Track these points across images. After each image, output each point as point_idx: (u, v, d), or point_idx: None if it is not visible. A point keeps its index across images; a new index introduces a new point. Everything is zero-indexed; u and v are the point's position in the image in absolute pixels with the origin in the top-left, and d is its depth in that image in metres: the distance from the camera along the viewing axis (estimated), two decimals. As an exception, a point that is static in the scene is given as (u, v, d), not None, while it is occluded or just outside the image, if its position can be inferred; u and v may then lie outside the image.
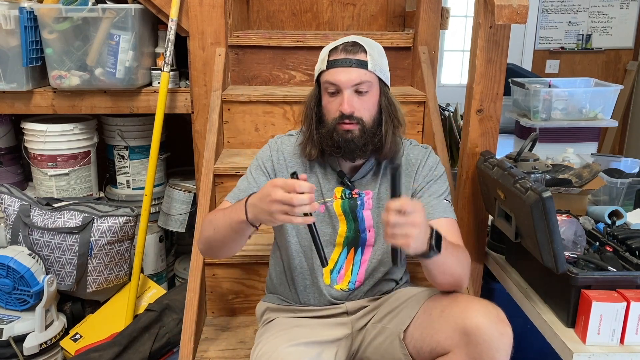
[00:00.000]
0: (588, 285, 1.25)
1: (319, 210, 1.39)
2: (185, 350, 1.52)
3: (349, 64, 1.30)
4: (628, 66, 4.42)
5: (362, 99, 1.32)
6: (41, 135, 2.14)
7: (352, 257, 1.42)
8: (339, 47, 1.33)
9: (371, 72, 1.32)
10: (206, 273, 1.73)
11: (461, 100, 1.88)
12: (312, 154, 1.38)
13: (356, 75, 1.30)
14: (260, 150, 1.48)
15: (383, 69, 1.36)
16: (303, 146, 1.40)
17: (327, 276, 1.41)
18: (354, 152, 1.32)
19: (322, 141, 1.35)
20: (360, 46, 1.33)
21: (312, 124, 1.37)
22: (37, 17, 1.98)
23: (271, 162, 1.44)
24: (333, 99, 1.32)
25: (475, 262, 1.72)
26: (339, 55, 1.32)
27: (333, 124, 1.32)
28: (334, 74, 1.31)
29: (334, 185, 1.41)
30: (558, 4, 4.35)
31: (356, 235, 1.40)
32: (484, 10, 1.52)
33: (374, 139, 1.33)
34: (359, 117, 1.31)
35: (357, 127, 1.31)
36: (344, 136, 1.31)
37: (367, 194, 1.41)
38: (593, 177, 1.79)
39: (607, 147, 4.34)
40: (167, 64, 2.04)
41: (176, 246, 2.66)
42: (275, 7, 2.58)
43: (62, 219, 1.97)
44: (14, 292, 1.89)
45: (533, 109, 2.75)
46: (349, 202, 1.40)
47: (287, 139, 1.47)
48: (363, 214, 1.40)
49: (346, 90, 1.30)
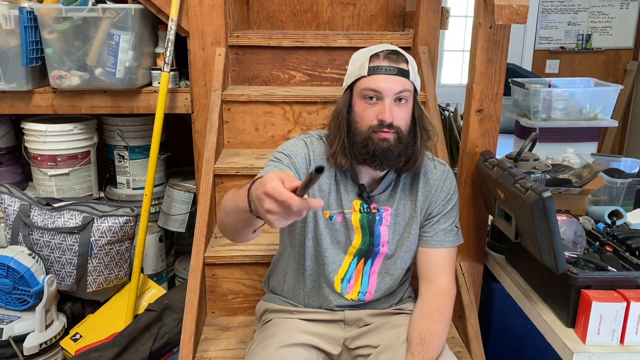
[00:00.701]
0: (588, 285, 1.25)
1: (336, 219, 1.39)
2: (185, 350, 1.52)
3: (392, 71, 1.28)
4: (628, 66, 4.42)
5: (401, 108, 1.29)
6: (41, 135, 2.14)
7: (362, 267, 1.41)
8: (380, 54, 1.30)
9: (412, 82, 1.31)
10: (206, 273, 1.73)
11: (461, 100, 1.88)
12: (342, 164, 1.34)
13: (399, 84, 1.28)
14: (291, 144, 1.39)
15: (418, 81, 1.35)
16: (334, 155, 1.35)
17: (338, 284, 1.41)
18: (389, 160, 1.29)
19: (354, 150, 1.31)
20: (401, 55, 1.31)
21: (343, 132, 1.33)
22: (37, 17, 1.98)
23: (302, 159, 1.36)
24: (370, 106, 1.29)
25: (475, 262, 1.72)
26: (381, 62, 1.29)
27: (368, 132, 1.29)
28: (376, 81, 1.28)
29: (353, 197, 1.39)
30: (558, 4, 4.35)
31: (369, 249, 1.40)
32: (484, 10, 1.52)
33: (407, 150, 1.31)
34: (397, 126, 1.29)
35: (393, 135, 1.28)
36: (380, 145, 1.27)
37: (385, 210, 1.39)
38: (593, 177, 1.79)
39: (607, 147, 4.34)
40: (167, 64, 2.04)
41: (176, 246, 2.66)
42: (275, 7, 2.59)
43: (62, 219, 1.97)
44: (14, 292, 1.89)
45: (533, 109, 2.75)
46: (368, 217, 1.38)
47: (316, 142, 1.41)
48: (380, 229, 1.39)
49: (388, 98, 1.27)
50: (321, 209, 1.38)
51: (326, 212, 1.39)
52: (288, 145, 1.39)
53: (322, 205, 0.87)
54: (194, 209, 2.24)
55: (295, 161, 1.35)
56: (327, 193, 1.39)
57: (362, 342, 1.39)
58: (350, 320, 1.42)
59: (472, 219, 1.68)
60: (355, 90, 1.32)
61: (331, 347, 1.38)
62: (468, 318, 1.61)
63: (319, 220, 1.38)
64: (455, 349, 1.59)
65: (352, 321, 1.42)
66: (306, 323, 1.41)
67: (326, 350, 1.38)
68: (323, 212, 1.39)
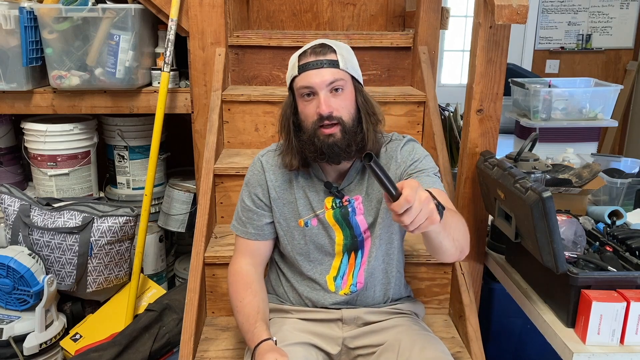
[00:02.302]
0: (588, 285, 1.25)
1: (311, 224, 1.40)
2: (185, 350, 1.52)
3: (320, 65, 1.30)
4: (628, 66, 4.42)
5: (339, 98, 1.31)
6: (41, 135, 2.14)
7: (354, 261, 1.42)
8: (307, 51, 1.33)
9: (343, 70, 1.32)
10: (206, 273, 1.73)
11: (461, 100, 1.88)
12: (292, 164, 1.37)
13: (329, 74, 1.29)
14: (250, 173, 1.46)
15: (355, 67, 1.36)
16: (282, 157, 1.39)
17: (332, 284, 1.42)
18: (338, 155, 1.31)
19: (303, 149, 1.34)
20: (328, 47, 1.33)
21: (290, 133, 1.36)
22: (37, 17, 1.98)
23: (261, 188, 1.43)
24: (309, 103, 1.31)
25: (475, 262, 1.72)
26: (308, 58, 1.31)
27: (313, 129, 1.31)
28: (306, 78, 1.30)
29: (323, 196, 1.40)
30: (558, 4, 4.35)
31: (353, 241, 1.41)
32: (484, 10, 1.52)
33: (356, 138, 1.32)
34: (338, 116, 1.30)
35: (337, 128, 1.30)
36: (326, 141, 1.29)
37: (356, 199, 1.40)
38: (593, 177, 1.79)
39: (607, 147, 4.34)
40: (167, 64, 2.04)
41: (176, 246, 2.66)
42: (275, 7, 2.58)
43: (62, 219, 1.97)
44: (14, 292, 1.89)
45: (533, 109, 2.75)
46: (341, 211, 1.40)
47: (272, 156, 1.46)
48: (356, 219, 1.40)
49: (321, 91, 1.29)
50: (295, 220, 1.41)
51: (300, 220, 1.41)
52: (249, 176, 1.47)
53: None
54: (194, 209, 2.24)
55: (258, 194, 1.43)
56: (294, 202, 1.41)
57: (362, 342, 1.40)
58: (347, 319, 1.42)
59: (472, 219, 1.68)
60: (295, 90, 1.35)
61: (330, 347, 1.39)
62: (468, 318, 1.61)
63: (294, 232, 1.41)
64: (455, 349, 1.59)
65: (350, 320, 1.42)
66: (305, 322, 1.41)
67: (325, 349, 1.38)
68: (298, 222, 1.41)
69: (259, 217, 1.43)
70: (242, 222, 1.45)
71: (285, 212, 1.42)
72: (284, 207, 1.42)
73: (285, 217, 1.43)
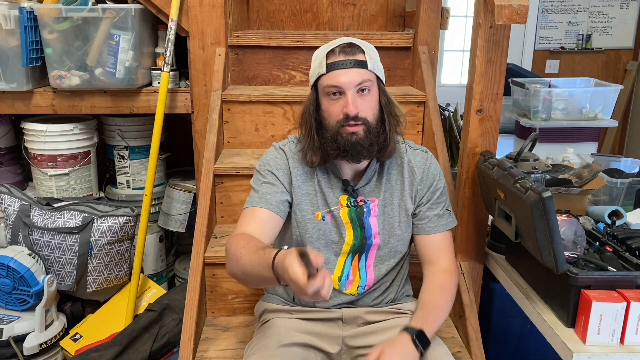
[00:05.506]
0: (588, 285, 1.25)
1: (326, 219, 1.40)
2: (185, 350, 1.52)
3: (349, 65, 1.30)
4: (628, 66, 4.42)
5: (365, 98, 1.31)
6: (41, 135, 2.14)
7: (357, 263, 1.42)
8: (335, 50, 1.32)
9: (371, 71, 1.32)
10: (206, 273, 1.73)
11: (461, 100, 1.88)
12: (313, 161, 1.37)
13: (358, 75, 1.29)
14: (271, 157, 1.42)
15: (380, 68, 1.37)
16: (304, 153, 1.39)
17: (336, 283, 1.41)
18: (360, 153, 1.32)
19: (325, 146, 1.33)
20: (357, 47, 1.33)
21: (312, 130, 1.35)
22: (37, 17, 1.98)
23: (283, 172, 1.40)
24: (335, 102, 1.31)
25: (475, 262, 1.72)
26: (337, 57, 1.31)
27: (336, 127, 1.31)
28: (335, 77, 1.30)
29: (339, 193, 1.40)
30: (558, 4, 4.35)
31: (362, 243, 1.41)
32: (484, 10, 1.52)
33: (378, 139, 1.33)
34: (364, 117, 1.30)
35: (361, 127, 1.30)
36: (350, 139, 1.30)
37: (372, 202, 1.41)
38: (593, 177, 1.79)
39: (607, 147, 4.34)
40: (167, 64, 2.04)
41: (176, 246, 2.66)
42: (275, 7, 2.59)
43: (62, 219, 1.97)
44: (14, 292, 1.89)
45: (533, 109, 2.75)
46: (356, 210, 1.40)
47: (293, 146, 1.44)
48: (369, 221, 1.40)
49: (349, 91, 1.29)
50: (312, 212, 1.40)
51: (317, 213, 1.40)
52: (269, 159, 1.42)
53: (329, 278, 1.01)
54: (194, 209, 2.24)
55: (278, 175, 1.39)
56: (313, 195, 1.41)
57: (363, 341, 1.40)
58: (348, 318, 1.42)
59: (472, 219, 1.68)
60: (319, 88, 1.34)
61: (329, 346, 1.39)
62: (468, 318, 1.61)
63: (309, 224, 1.40)
64: (455, 349, 1.59)
65: (350, 319, 1.42)
66: (304, 322, 1.41)
67: (324, 349, 1.38)
68: (315, 215, 1.40)
69: (280, 194, 1.37)
70: (260, 194, 1.36)
71: (302, 202, 1.40)
72: (302, 197, 1.40)
73: (301, 208, 1.40)
